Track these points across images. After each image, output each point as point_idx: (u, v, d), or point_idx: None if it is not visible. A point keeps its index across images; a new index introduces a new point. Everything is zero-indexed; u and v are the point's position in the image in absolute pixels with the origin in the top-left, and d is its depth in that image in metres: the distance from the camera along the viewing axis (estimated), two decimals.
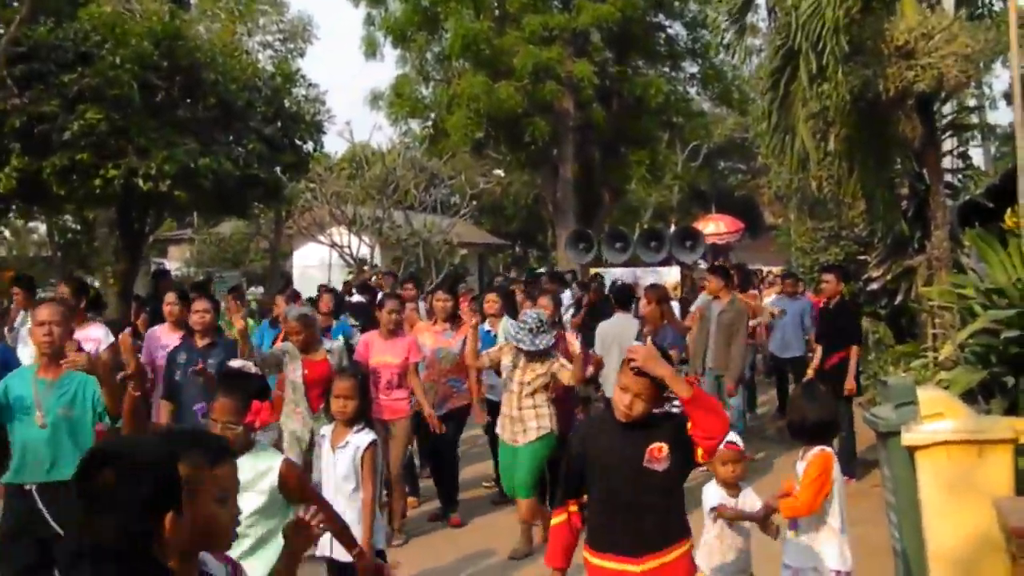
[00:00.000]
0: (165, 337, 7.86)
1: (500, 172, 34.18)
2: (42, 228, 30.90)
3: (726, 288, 10.30)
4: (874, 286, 10.69)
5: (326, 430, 5.63)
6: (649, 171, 28.20)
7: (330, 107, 27.76)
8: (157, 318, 12.27)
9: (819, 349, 9.91)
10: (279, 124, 14.65)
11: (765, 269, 23.56)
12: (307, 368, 7.51)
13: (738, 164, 50.11)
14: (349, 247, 24.44)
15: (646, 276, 15.47)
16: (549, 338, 7.44)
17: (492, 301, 9.57)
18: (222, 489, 2.33)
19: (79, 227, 27.92)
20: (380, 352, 8.14)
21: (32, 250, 35.07)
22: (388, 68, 45.24)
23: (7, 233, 31.50)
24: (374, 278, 15.52)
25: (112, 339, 7.42)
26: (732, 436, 4.86)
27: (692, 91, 30.92)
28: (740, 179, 49.12)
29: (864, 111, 9.26)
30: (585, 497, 4.14)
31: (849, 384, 9.31)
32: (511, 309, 9.79)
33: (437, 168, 26.78)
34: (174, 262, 37.32)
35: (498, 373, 8.06)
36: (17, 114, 11.44)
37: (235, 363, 6.36)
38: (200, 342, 7.32)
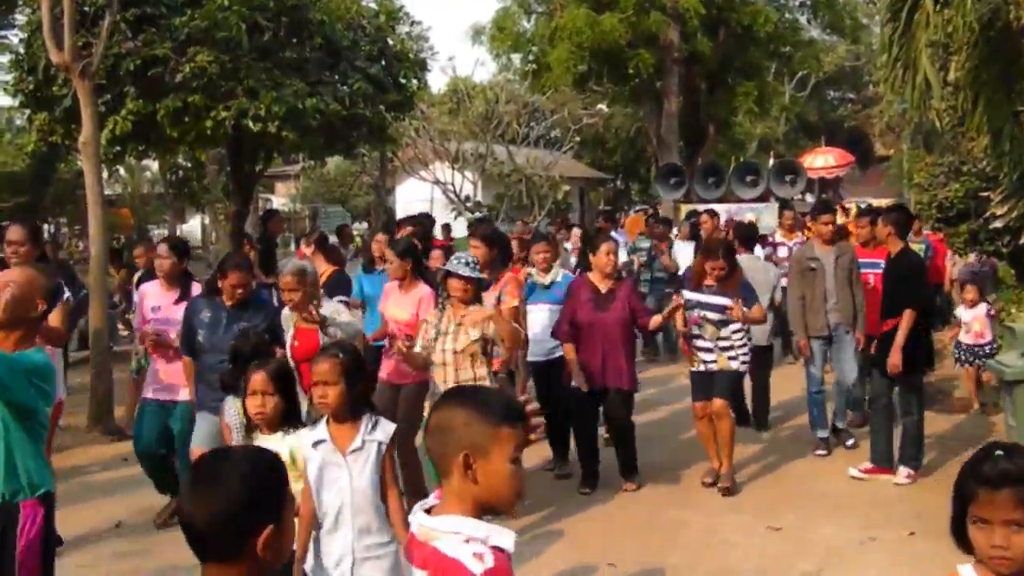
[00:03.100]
0: (155, 296, 7.06)
1: (603, 106, 33.78)
2: (154, 166, 31.72)
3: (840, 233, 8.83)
4: (997, 224, 10.28)
5: (315, 433, 4.16)
6: (756, 103, 27.53)
7: (433, 44, 27.69)
8: (268, 257, 12.62)
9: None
10: (383, 63, 14.66)
11: (875, 203, 22.83)
12: (299, 339, 6.25)
13: (848, 94, 48.78)
14: (452, 183, 24.51)
15: (741, 214, 14.54)
16: (475, 273, 6.11)
17: (542, 251, 8.29)
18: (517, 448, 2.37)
19: (190, 166, 28.59)
20: (393, 304, 7.19)
21: (146, 188, 36.09)
22: (490, 1, 44.77)
23: (121, 171, 32.39)
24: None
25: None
26: None
27: (802, 19, 30.01)
28: (850, 109, 47.80)
29: (992, 40, 8.84)
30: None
31: (893, 358, 7.37)
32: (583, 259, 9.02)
33: (539, 103, 26.58)
34: (280, 198, 38.07)
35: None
36: (131, 58, 11.68)
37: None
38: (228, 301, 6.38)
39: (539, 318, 8.05)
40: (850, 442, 8.48)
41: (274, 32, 12.73)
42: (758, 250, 11.08)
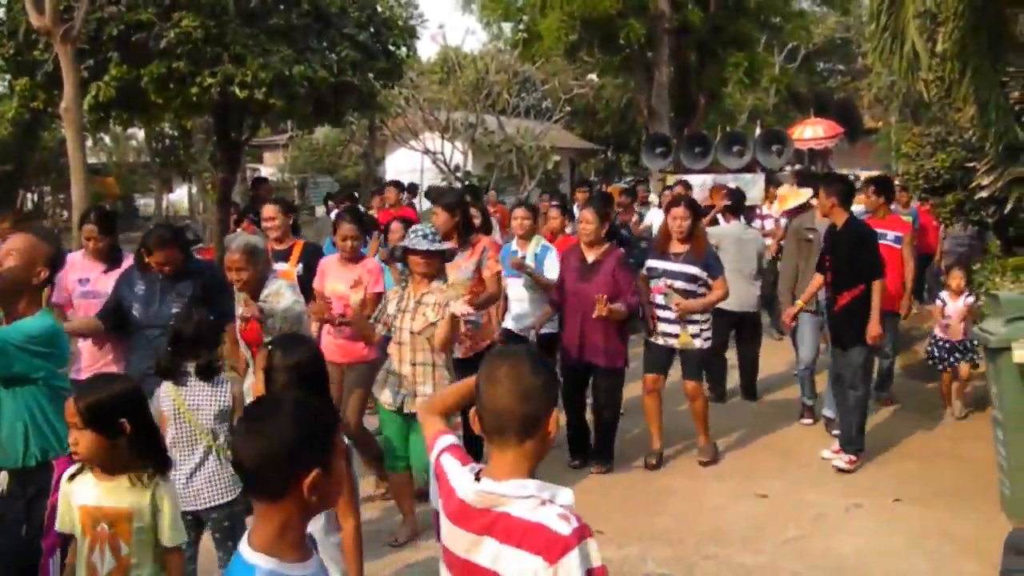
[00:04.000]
0: (81, 268, 6.42)
1: (593, 76, 33.65)
2: (140, 135, 31.52)
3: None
4: (983, 194, 10.28)
5: None
6: (746, 74, 27.43)
7: (423, 12, 27.54)
8: (256, 226, 12.54)
9: (817, 279, 7.76)
10: (372, 30, 14.53)
11: (863, 174, 22.80)
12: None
13: (837, 66, 48.71)
14: (442, 153, 24.42)
15: (726, 184, 14.38)
16: (435, 245, 5.76)
17: (522, 218, 8.03)
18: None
19: (176, 134, 28.43)
20: (334, 279, 6.69)
21: (131, 156, 35.88)
22: None
23: (107, 140, 32.19)
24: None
25: None
26: None
27: None
28: (839, 81, 47.73)
29: (979, 9, 8.80)
30: None
31: (873, 328, 7.14)
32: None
33: (530, 72, 26.47)
34: (269, 168, 37.87)
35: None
36: (114, 22, 11.54)
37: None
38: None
39: (516, 290, 7.81)
40: (836, 431, 8.26)
41: None
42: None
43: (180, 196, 38.53)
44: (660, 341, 7.36)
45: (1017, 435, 5.85)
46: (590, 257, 7.25)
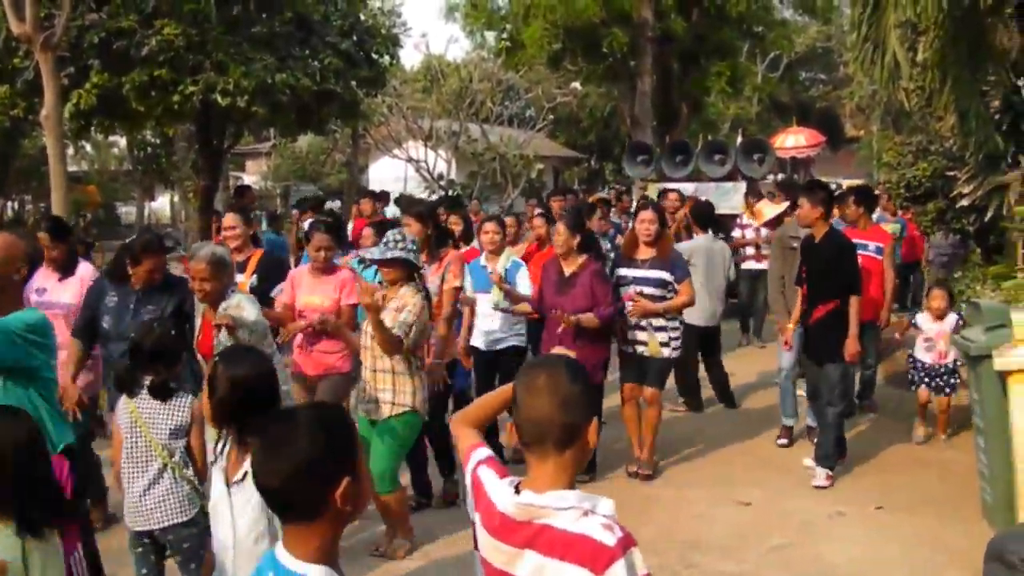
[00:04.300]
0: (40, 277, 6.35)
1: (577, 85, 33.73)
2: (122, 143, 31.41)
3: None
4: (964, 203, 10.35)
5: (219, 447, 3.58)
6: (729, 83, 27.54)
7: (406, 20, 27.55)
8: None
9: (798, 294, 7.52)
10: (355, 38, 14.54)
11: (845, 183, 22.81)
12: (204, 331, 5.32)
13: (819, 75, 48.94)
14: (425, 162, 24.40)
15: (708, 193, 13.94)
16: (405, 253, 5.54)
17: (492, 232, 7.72)
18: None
19: (158, 142, 28.34)
20: (307, 291, 6.43)
21: (113, 164, 35.74)
22: None
23: (88, 147, 32.05)
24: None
25: None
26: None
27: None
28: (821, 90, 47.96)
29: (959, 20, 8.87)
30: None
31: (851, 346, 6.98)
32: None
33: (513, 81, 26.49)
34: (252, 176, 37.77)
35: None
36: (95, 30, 11.52)
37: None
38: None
39: (484, 306, 7.50)
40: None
41: (243, 5, 12.61)
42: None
43: (162, 204, 38.42)
44: (631, 349, 7.28)
45: (997, 442, 5.86)
46: (567, 270, 7.07)
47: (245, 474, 3.29)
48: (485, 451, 2.55)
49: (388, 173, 27.99)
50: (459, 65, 26.99)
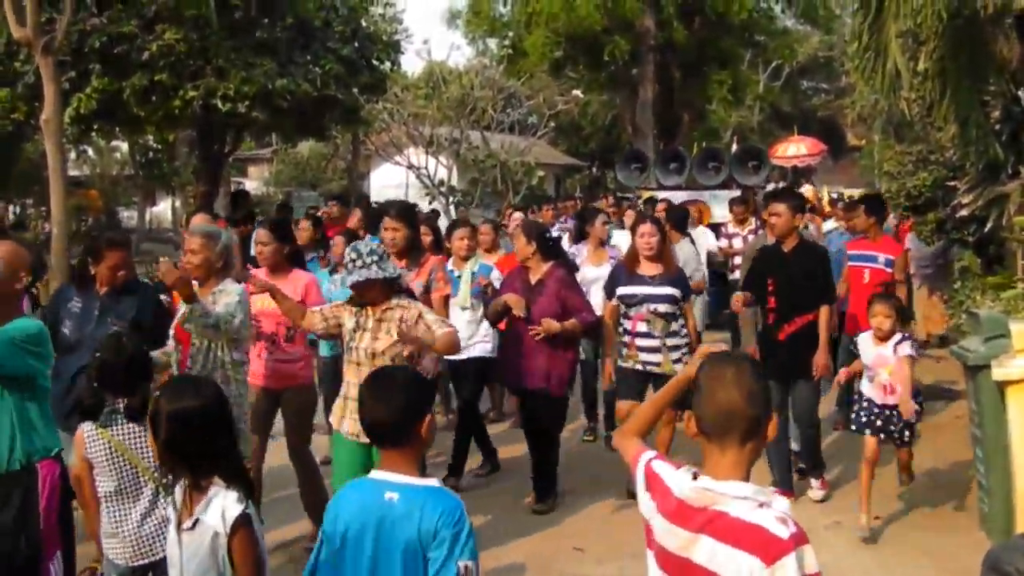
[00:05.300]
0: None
1: (578, 92, 33.76)
2: (124, 147, 31.42)
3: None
4: (963, 213, 10.32)
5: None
6: (730, 91, 27.63)
7: (407, 26, 27.56)
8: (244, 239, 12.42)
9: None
10: (356, 44, 14.57)
11: (847, 192, 22.82)
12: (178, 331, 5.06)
13: (821, 84, 48.91)
14: (426, 168, 24.39)
15: (705, 202, 14.01)
16: (377, 270, 4.95)
17: (464, 237, 7.63)
18: None
19: (160, 147, 28.34)
20: (263, 296, 5.63)
21: (115, 169, 35.75)
22: None
23: (91, 152, 32.06)
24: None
25: None
26: None
27: (776, 8, 30.05)
28: (823, 99, 47.95)
29: (959, 29, 8.86)
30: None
31: (820, 359, 6.65)
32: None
33: (515, 88, 26.49)
34: (253, 181, 37.79)
35: (331, 338, 5.99)
36: (96, 34, 11.54)
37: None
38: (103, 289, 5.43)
39: (454, 312, 7.30)
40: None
41: (244, 10, 12.62)
42: (711, 238, 11.01)
43: (163, 209, 38.40)
44: (638, 367, 6.86)
45: (996, 453, 5.84)
46: (533, 277, 6.82)
47: (196, 521, 3.01)
48: (652, 451, 2.70)
49: (390, 180, 27.97)
50: (461, 72, 26.98)
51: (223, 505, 2.97)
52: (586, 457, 7.96)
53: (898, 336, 6.26)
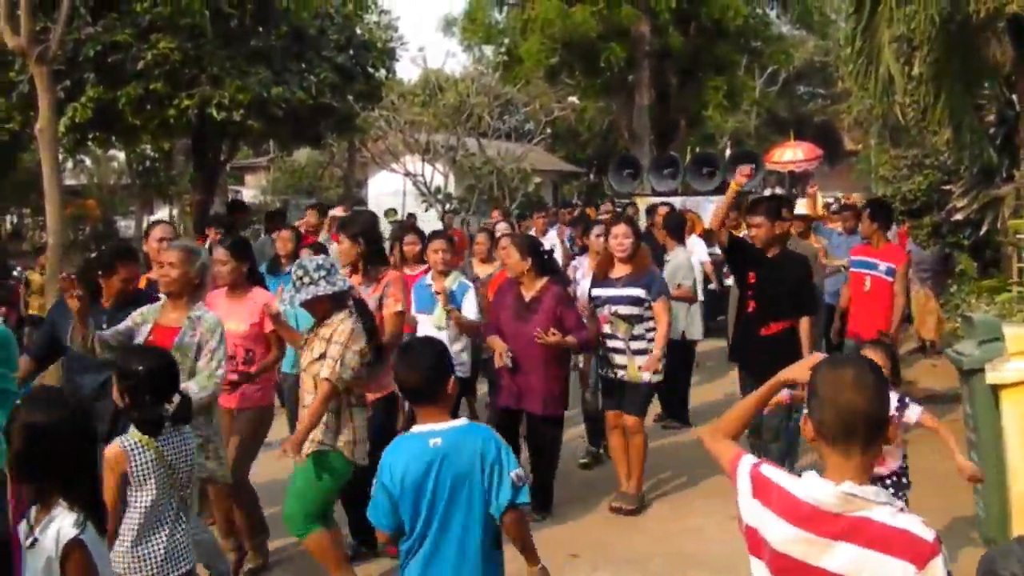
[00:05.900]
0: None
1: (575, 99, 33.78)
2: (122, 156, 31.40)
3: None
4: (958, 216, 10.36)
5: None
6: (727, 97, 27.63)
7: (403, 34, 27.61)
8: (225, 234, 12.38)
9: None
10: (351, 52, 14.59)
11: (843, 197, 22.78)
12: (156, 334, 4.95)
13: (817, 89, 48.97)
14: (423, 176, 24.39)
15: (697, 207, 13.67)
16: (326, 285, 4.99)
17: (441, 251, 7.23)
18: None
19: (157, 156, 28.34)
20: (223, 316, 5.36)
21: (112, 178, 35.74)
22: None
23: (87, 161, 32.06)
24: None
25: None
26: None
27: (772, 14, 30.09)
28: (819, 104, 48.00)
29: (952, 34, 8.89)
30: None
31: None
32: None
33: (511, 95, 26.51)
34: (250, 189, 37.79)
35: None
36: (91, 43, 11.55)
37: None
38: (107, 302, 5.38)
39: (425, 328, 7.03)
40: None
41: (239, 19, 12.63)
42: (702, 248, 10.77)
43: (160, 218, 38.38)
44: (611, 374, 6.81)
45: (991, 456, 5.84)
46: (527, 294, 6.60)
47: (34, 541, 2.80)
48: (753, 456, 2.66)
49: (387, 187, 27.97)
50: (457, 79, 27.00)
51: (59, 527, 2.75)
52: (567, 456, 7.86)
53: (896, 400, 4.96)
